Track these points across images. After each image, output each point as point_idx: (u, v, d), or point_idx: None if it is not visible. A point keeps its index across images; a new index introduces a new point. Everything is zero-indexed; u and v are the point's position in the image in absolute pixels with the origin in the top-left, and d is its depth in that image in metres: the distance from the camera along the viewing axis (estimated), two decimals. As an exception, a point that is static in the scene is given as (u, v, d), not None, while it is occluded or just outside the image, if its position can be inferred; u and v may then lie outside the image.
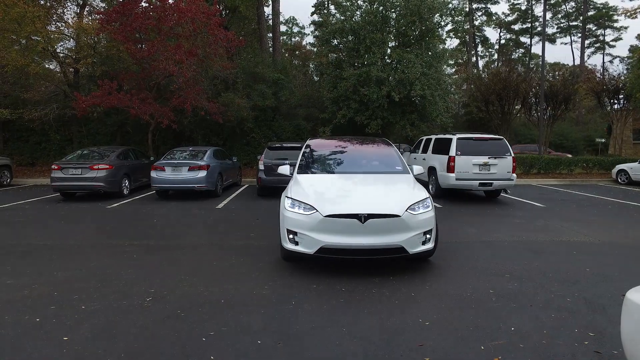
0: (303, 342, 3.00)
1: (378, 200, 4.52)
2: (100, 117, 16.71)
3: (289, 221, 4.50)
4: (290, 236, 4.50)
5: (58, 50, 16.61)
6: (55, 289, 4.05)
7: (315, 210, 4.35)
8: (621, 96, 21.90)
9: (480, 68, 42.94)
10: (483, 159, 9.74)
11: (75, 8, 18.34)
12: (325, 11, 35.40)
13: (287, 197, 4.72)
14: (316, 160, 6.01)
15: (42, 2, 15.87)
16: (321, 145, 6.48)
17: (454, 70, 37.74)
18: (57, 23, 16.45)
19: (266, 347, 2.92)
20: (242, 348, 2.91)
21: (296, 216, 4.46)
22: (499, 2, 48.80)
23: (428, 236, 4.53)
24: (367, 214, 4.20)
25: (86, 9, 18.52)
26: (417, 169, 5.73)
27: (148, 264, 4.95)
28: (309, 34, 49.52)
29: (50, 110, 15.50)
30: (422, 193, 4.76)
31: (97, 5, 18.87)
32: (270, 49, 23.87)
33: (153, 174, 10.35)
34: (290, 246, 4.50)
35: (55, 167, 10.20)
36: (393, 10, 16.91)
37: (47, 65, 17.67)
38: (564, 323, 3.32)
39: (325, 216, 4.26)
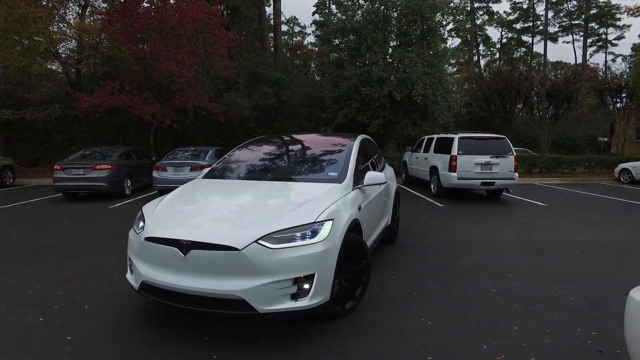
0: (306, 341, 3.00)
1: (227, 222, 3.14)
2: (102, 118, 16.77)
3: (129, 240, 3.39)
4: (129, 261, 3.33)
5: (60, 51, 16.65)
6: (58, 289, 4.07)
7: (143, 230, 3.19)
8: (624, 95, 21.83)
9: (482, 67, 42.86)
10: (485, 158, 9.72)
11: (77, 9, 18.41)
12: (327, 11, 35.38)
13: (142, 208, 3.61)
14: (234, 162, 4.70)
15: (44, 3, 15.92)
16: (260, 144, 5.17)
17: (455, 69, 37.70)
18: (59, 24, 16.51)
19: (269, 346, 2.92)
20: (246, 347, 2.92)
21: (131, 235, 3.36)
22: (500, 1, 48.89)
23: (305, 286, 2.84)
24: (191, 242, 2.83)
25: (88, 10, 18.57)
26: (372, 177, 4.04)
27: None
28: (310, 34, 49.59)
29: (52, 111, 15.56)
30: (315, 213, 3.07)
31: (98, 6, 18.92)
32: (272, 48, 23.90)
33: (155, 174, 10.37)
34: (127, 274, 3.38)
35: (58, 168, 10.24)
36: (394, 9, 16.93)
37: (49, 66, 17.72)
38: (566, 322, 3.32)
39: (146, 239, 3.05)
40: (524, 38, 46.66)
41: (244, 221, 3.10)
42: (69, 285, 4.18)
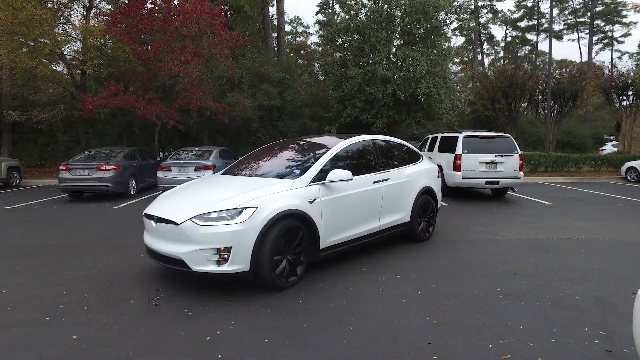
0: (310, 341, 3.00)
1: (185, 204, 4.05)
2: (107, 118, 16.86)
3: None
4: None
5: (65, 52, 16.76)
6: (64, 288, 4.09)
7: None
8: (630, 92, 21.62)
9: (486, 66, 42.65)
10: (489, 157, 9.67)
11: (82, 10, 18.52)
12: (330, 10, 35.35)
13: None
14: (241, 161, 5.59)
15: (49, 5, 16.03)
16: (268, 147, 5.98)
17: (459, 68, 37.54)
18: (64, 25, 16.61)
19: (274, 346, 2.92)
20: (250, 346, 2.92)
21: None
22: (504, -1, 48.52)
23: (225, 255, 3.63)
24: (157, 217, 3.92)
25: (92, 11, 18.68)
26: (334, 175, 4.37)
27: (155, 263, 4.96)
28: (313, 34, 49.44)
29: (57, 112, 15.65)
30: (241, 201, 3.81)
31: (103, 7, 19.03)
32: (275, 48, 23.94)
33: (159, 174, 10.40)
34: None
35: (63, 168, 10.30)
36: (398, 8, 16.87)
37: (54, 67, 17.84)
38: (573, 322, 3.29)
39: (143, 214, 4.27)
40: (529, 36, 46.37)
41: (193, 203, 3.99)
42: (74, 284, 4.21)
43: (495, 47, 48.10)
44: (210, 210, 3.74)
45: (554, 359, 2.74)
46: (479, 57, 44.04)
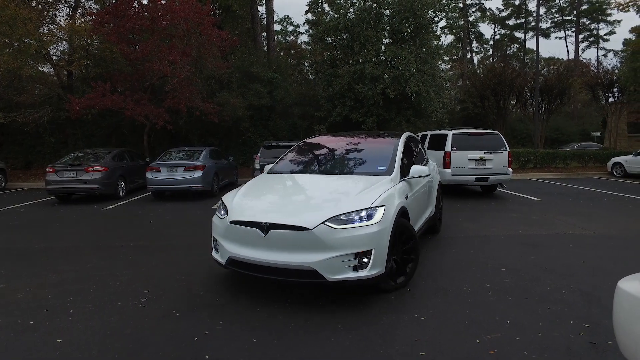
0: (299, 338, 2.99)
1: (298, 207, 3.73)
2: (95, 119, 16.63)
3: (213, 225, 4.07)
4: (214, 242, 4.04)
5: (51, 53, 16.52)
6: (49, 292, 4.03)
7: (227, 215, 3.84)
8: (615, 89, 21.99)
9: (475, 64, 42.98)
10: (479, 154, 9.74)
11: (68, 10, 18.26)
12: (319, 9, 35.33)
13: (222, 199, 4.25)
14: (293, 159, 5.24)
15: (33, 4, 15.77)
16: (313, 143, 5.70)
17: (449, 66, 37.77)
18: (50, 25, 16.38)
19: (262, 345, 2.91)
20: (238, 346, 2.90)
21: (216, 220, 4.01)
22: (492, -2, 48.92)
23: (364, 260, 3.39)
24: (269, 224, 3.44)
25: (78, 11, 18.43)
26: (417, 170, 4.53)
27: (144, 264, 4.93)
28: (303, 33, 49.40)
29: (44, 113, 15.42)
30: (369, 200, 3.62)
31: (89, 7, 18.78)
32: (265, 48, 23.82)
33: (148, 175, 10.30)
34: (213, 252, 4.08)
35: (50, 170, 10.15)
36: (387, 7, 16.91)
37: (40, 68, 17.56)
38: (559, 315, 3.33)
39: (231, 222, 3.69)
40: (517, 34, 46.85)
41: (312, 206, 3.69)
42: (60, 288, 4.14)
43: (484, 45, 48.54)
44: (343, 212, 3.45)
45: (539, 352, 2.77)
46: (468, 55, 44.38)
